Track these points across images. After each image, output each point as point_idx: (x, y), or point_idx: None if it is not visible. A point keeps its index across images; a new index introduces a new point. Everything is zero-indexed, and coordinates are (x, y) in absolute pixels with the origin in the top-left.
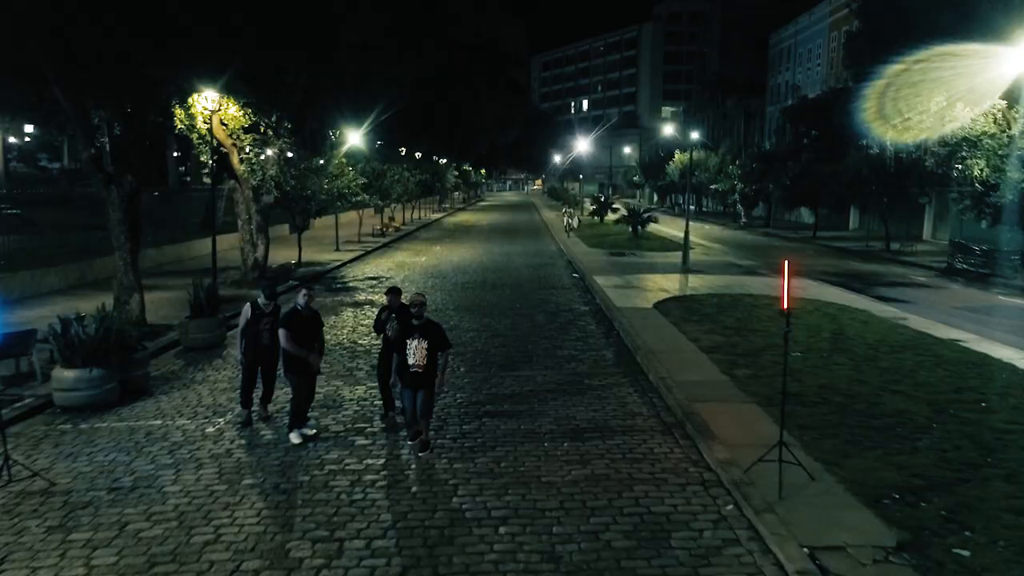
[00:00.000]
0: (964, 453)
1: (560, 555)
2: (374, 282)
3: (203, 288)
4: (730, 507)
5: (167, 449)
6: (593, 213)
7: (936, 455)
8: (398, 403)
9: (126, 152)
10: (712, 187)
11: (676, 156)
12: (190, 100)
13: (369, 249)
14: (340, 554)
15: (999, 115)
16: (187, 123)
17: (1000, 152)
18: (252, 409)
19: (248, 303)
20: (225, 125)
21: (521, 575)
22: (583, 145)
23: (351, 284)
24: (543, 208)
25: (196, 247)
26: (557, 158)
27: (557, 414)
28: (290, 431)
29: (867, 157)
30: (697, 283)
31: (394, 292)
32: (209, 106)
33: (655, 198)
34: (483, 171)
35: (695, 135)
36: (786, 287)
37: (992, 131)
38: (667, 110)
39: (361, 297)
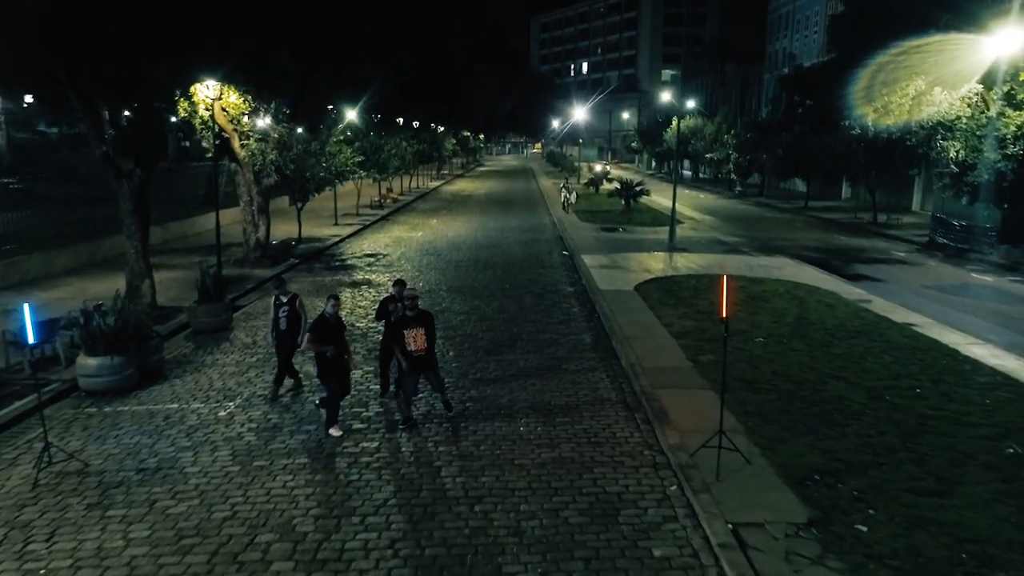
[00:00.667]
0: (886, 438)
1: (524, 530)
2: (371, 260)
3: (210, 274)
4: (674, 488)
5: (184, 432)
6: (588, 184)
7: (861, 440)
8: (391, 388)
9: (135, 147)
10: (708, 156)
11: (673, 123)
12: (192, 89)
13: (367, 223)
14: (338, 529)
15: (975, 99)
16: (189, 110)
17: (978, 133)
18: (279, 386)
19: (273, 296)
20: (226, 111)
21: (490, 547)
22: (581, 114)
23: (349, 262)
24: (540, 175)
25: (199, 223)
26: (556, 123)
27: (534, 400)
28: (328, 428)
29: (853, 137)
30: (680, 262)
31: (400, 284)
32: (211, 95)
33: (653, 164)
34: (481, 136)
35: (691, 103)
36: (724, 300)
37: (967, 115)
38: (667, 73)
39: (359, 276)
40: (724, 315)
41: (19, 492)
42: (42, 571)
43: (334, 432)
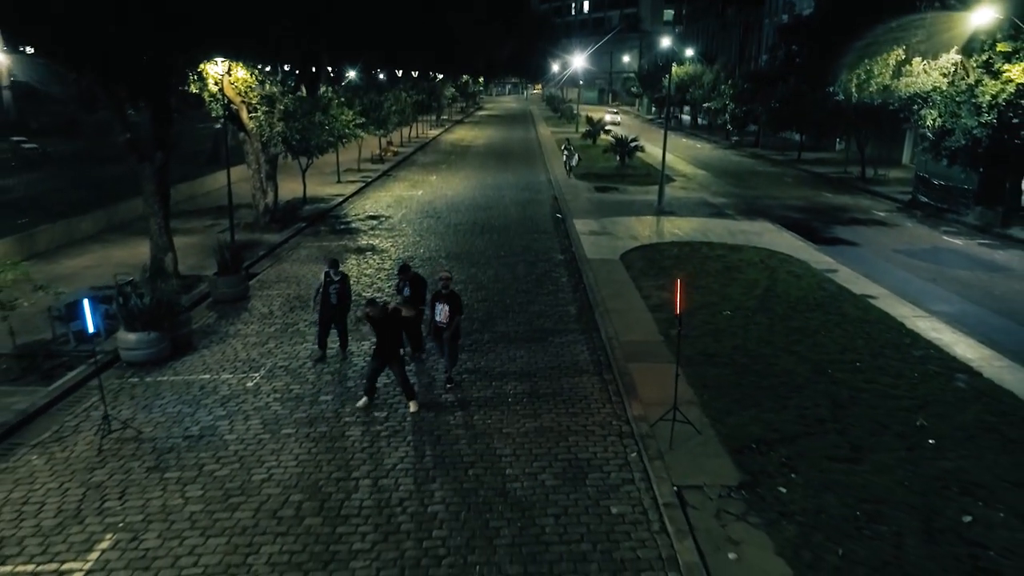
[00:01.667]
0: (820, 411)
1: (508, 491)
2: (375, 223)
3: (227, 248)
4: (633, 454)
5: (219, 402)
6: (586, 135)
7: (797, 412)
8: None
9: (155, 131)
10: (705, 105)
11: (673, 69)
12: (201, 66)
13: (368, 180)
14: (356, 490)
15: (954, 69)
16: (199, 86)
17: (958, 99)
18: (327, 350)
19: (324, 272)
20: (234, 84)
21: (481, 506)
22: (581, 61)
23: (353, 225)
24: (540, 121)
25: (207, 183)
26: (556, 67)
27: (521, 371)
28: (409, 400)
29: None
30: (666, 227)
31: (405, 269)
32: (219, 70)
33: (653, 108)
34: (481, 79)
35: (690, 52)
36: (678, 299)
37: (944, 85)
38: (669, 14)
39: (363, 242)
40: (678, 312)
41: (87, 457)
42: (120, 524)
43: (412, 407)
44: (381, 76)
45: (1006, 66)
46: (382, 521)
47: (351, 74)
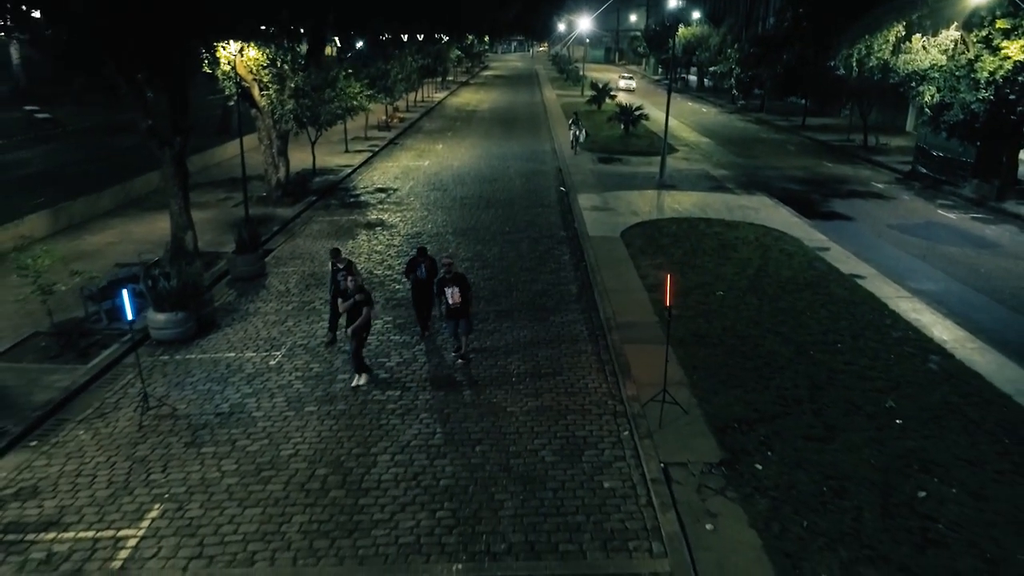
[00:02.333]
0: (799, 391)
1: (512, 467)
2: (383, 195)
3: (245, 228)
4: (626, 433)
5: (245, 380)
6: (591, 101)
7: (778, 393)
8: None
9: (173, 118)
10: (711, 69)
11: (680, 30)
12: (217, 50)
13: (376, 149)
14: (375, 464)
15: (953, 45)
16: (212, 66)
17: (957, 74)
18: (336, 332)
19: (330, 262)
20: (246, 63)
21: (486, 480)
22: (586, 23)
23: (362, 198)
24: (545, 83)
25: (217, 154)
26: (562, 25)
27: (524, 352)
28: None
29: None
30: (667, 202)
31: (422, 251)
32: (232, 50)
33: (659, 69)
34: (487, 39)
35: (696, 15)
36: (668, 293)
37: (941, 62)
38: None
39: (372, 216)
40: (668, 304)
41: (129, 432)
42: (165, 495)
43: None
44: (386, 37)
45: (1004, 42)
46: (399, 493)
47: (359, 44)
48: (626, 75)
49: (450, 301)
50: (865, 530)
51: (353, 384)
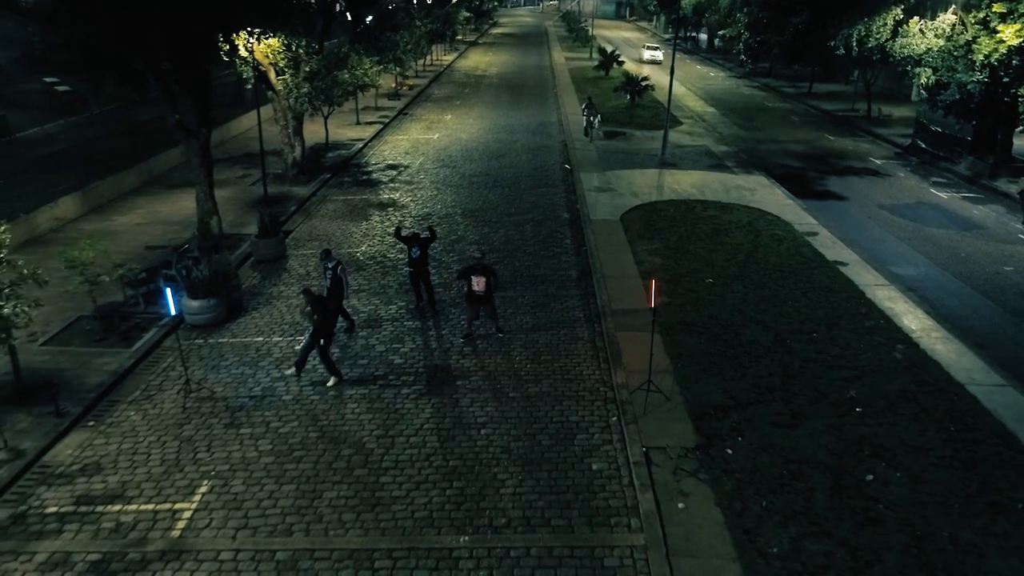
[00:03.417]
0: (772, 380)
1: (512, 449)
2: (394, 172)
3: (267, 214)
4: (614, 418)
5: (274, 364)
6: (599, 67)
7: (753, 381)
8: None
9: (199, 110)
10: (720, 32)
11: None
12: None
13: (386, 120)
14: (392, 446)
15: (950, 29)
16: (231, 53)
17: (956, 54)
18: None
19: (322, 264)
20: (262, 49)
21: (489, 460)
22: None
23: (374, 175)
24: (555, 44)
25: (233, 127)
26: None
27: (526, 338)
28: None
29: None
30: (667, 182)
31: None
32: (251, 38)
33: (670, 28)
34: None
35: None
36: (653, 296)
37: (936, 46)
38: None
39: (384, 196)
40: (652, 305)
41: (175, 414)
42: (212, 472)
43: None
44: (393, 5)
45: (1001, 26)
46: (414, 472)
47: (369, 18)
48: (653, 45)
49: (475, 288)
50: (815, 509)
51: (287, 372)
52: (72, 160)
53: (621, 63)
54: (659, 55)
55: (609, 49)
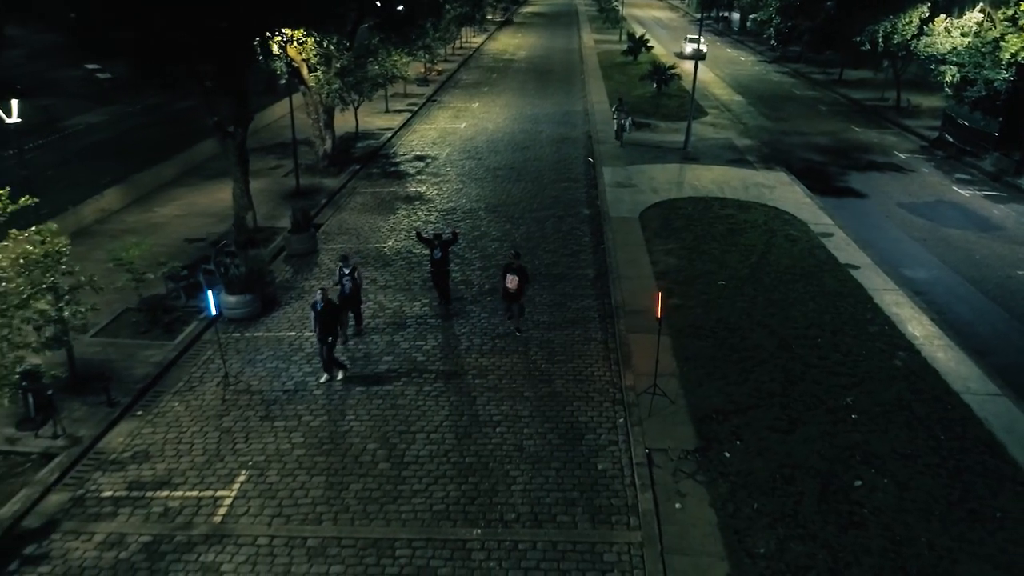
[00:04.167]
0: (773, 385)
1: (524, 447)
2: (421, 164)
3: (299, 210)
4: (621, 420)
5: (305, 359)
6: (627, 52)
7: (754, 386)
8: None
9: (235, 112)
10: (751, 16)
11: None
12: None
13: (415, 109)
14: (414, 442)
15: (976, 26)
16: (264, 53)
17: (983, 50)
18: (360, 325)
19: (338, 267)
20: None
21: (502, 458)
22: None
23: (401, 167)
24: (584, 25)
25: (265, 116)
26: None
27: (542, 337)
28: (338, 369)
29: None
30: (687, 178)
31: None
32: (283, 38)
33: (700, 10)
34: None
35: None
36: (659, 308)
37: (962, 45)
38: None
39: (411, 189)
40: (659, 316)
41: (215, 405)
42: (249, 463)
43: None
44: None
45: None
46: (433, 467)
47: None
48: (694, 36)
49: (508, 286)
50: (803, 512)
51: (322, 380)
52: (113, 150)
53: (650, 48)
54: (703, 48)
55: (640, 31)
